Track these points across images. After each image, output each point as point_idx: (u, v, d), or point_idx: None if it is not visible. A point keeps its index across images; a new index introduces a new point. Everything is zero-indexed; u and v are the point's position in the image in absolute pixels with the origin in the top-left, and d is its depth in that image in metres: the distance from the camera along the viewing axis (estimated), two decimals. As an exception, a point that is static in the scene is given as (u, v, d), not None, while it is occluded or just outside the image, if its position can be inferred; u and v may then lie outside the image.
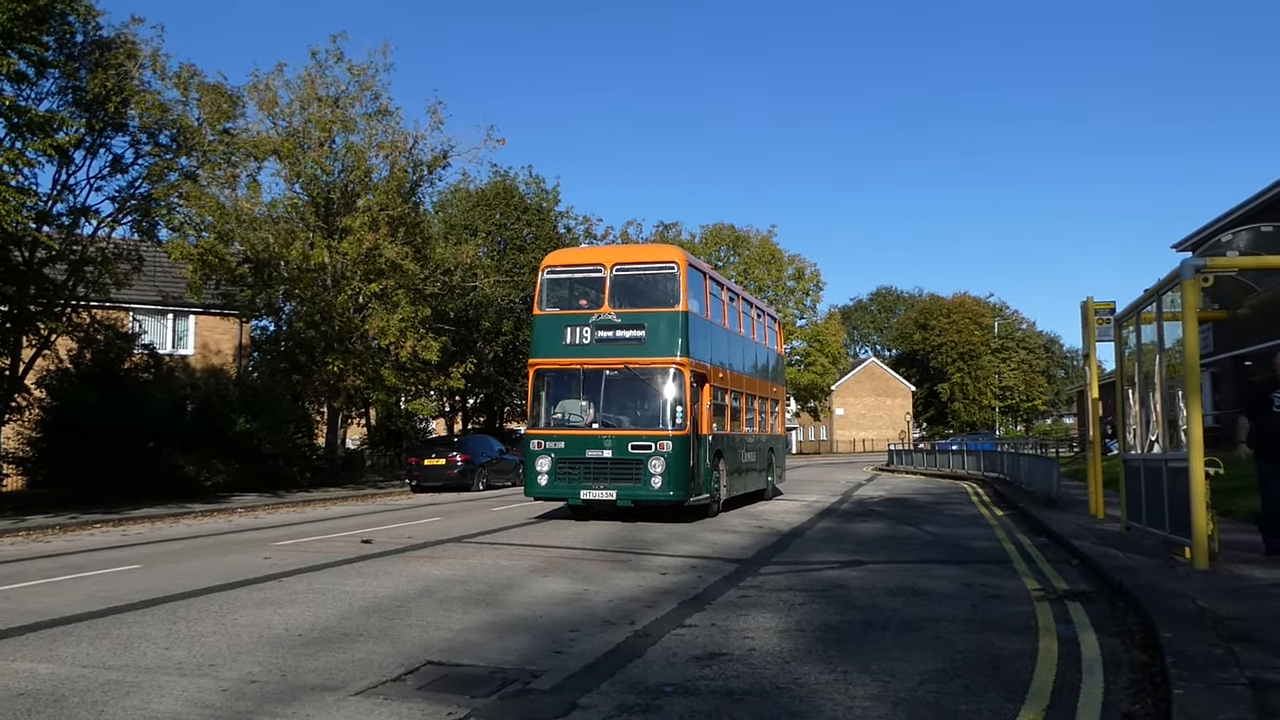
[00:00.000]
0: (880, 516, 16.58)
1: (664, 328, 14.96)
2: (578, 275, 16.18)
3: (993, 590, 8.39)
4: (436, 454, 25.50)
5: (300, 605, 7.75)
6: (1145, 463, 10.54)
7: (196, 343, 29.53)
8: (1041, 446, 48.72)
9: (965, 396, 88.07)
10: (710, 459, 15.82)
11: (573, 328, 15.28)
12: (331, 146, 26.28)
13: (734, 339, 18.38)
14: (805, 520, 15.75)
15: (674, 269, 15.20)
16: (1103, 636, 6.47)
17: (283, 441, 24.07)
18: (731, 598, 8.06)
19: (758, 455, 19.99)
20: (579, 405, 15.23)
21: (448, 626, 6.85)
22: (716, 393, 16.55)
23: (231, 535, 14.15)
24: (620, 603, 7.81)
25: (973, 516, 16.50)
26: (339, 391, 26.04)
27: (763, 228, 72.19)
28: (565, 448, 14.97)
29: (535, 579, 9.16)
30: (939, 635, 6.53)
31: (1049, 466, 18.39)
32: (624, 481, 14.62)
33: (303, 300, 25.43)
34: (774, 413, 22.13)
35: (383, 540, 12.73)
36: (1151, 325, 10.33)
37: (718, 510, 16.40)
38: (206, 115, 20.66)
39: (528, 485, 15.33)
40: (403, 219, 26.65)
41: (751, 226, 64.43)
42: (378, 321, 25.38)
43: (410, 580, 9.09)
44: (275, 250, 24.22)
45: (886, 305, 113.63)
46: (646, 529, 14.07)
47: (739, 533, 13.65)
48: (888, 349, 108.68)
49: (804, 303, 63.95)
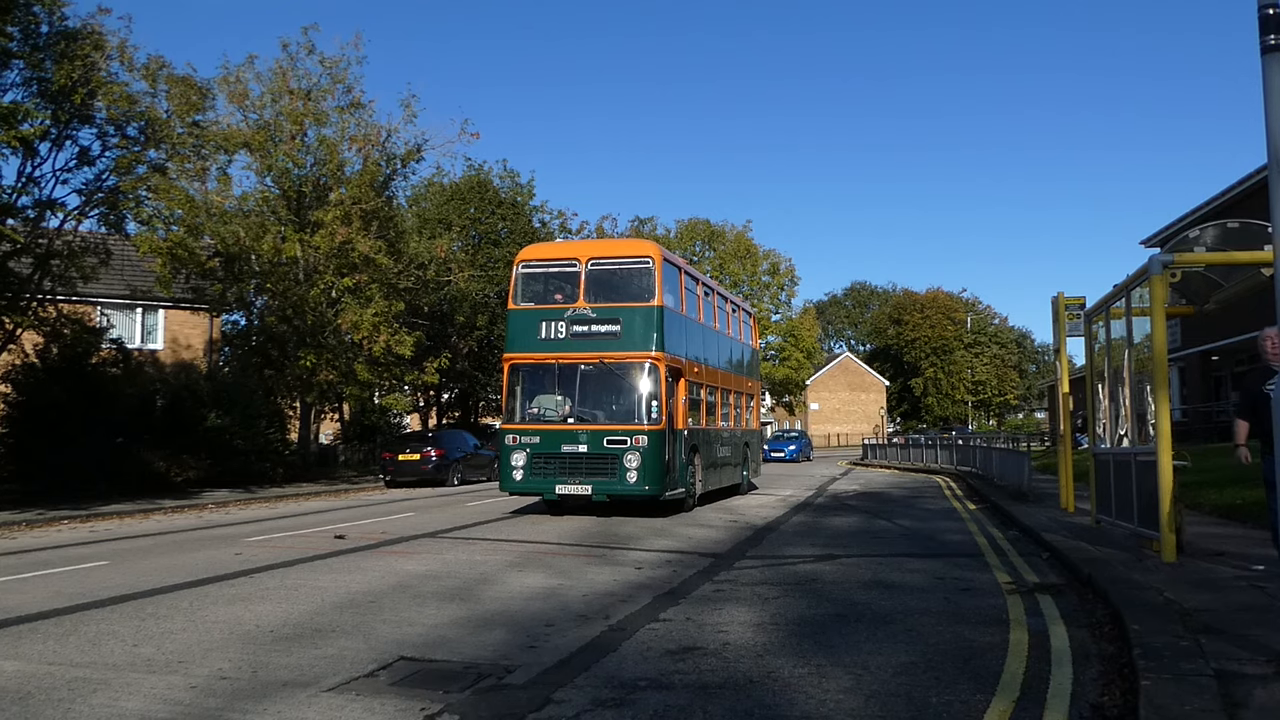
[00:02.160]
0: (854, 510, 16.68)
1: (639, 322, 14.97)
2: (553, 270, 16.14)
3: (965, 583, 8.48)
4: (411, 449, 25.39)
5: (272, 601, 7.69)
6: (1114, 456, 10.68)
7: (166, 337, 29.14)
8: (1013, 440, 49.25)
9: (939, 391, 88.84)
10: (686, 454, 15.85)
11: (548, 322, 15.25)
12: (303, 139, 26.01)
13: (709, 334, 18.41)
14: (780, 515, 15.82)
15: (649, 264, 15.21)
16: (1072, 629, 6.55)
17: (254, 437, 23.85)
18: (706, 592, 8.08)
19: (733, 450, 20.05)
20: (554, 400, 15.21)
21: (422, 622, 6.82)
22: (692, 387, 16.58)
23: (202, 531, 14.00)
24: (595, 597, 7.81)
25: (946, 510, 16.64)
26: (312, 386, 25.82)
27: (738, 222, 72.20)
28: (540, 442, 14.94)
29: (510, 574, 9.14)
30: (912, 628, 6.59)
31: (1020, 460, 18.59)
32: (599, 476, 14.62)
33: (274, 294, 25.18)
34: (749, 407, 22.19)
35: (356, 536, 12.66)
36: (1121, 320, 10.47)
37: (693, 505, 16.45)
38: (175, 107, 20.37)
39: (503, 480, 15.30)
40: (376, 213, 26.45)
41: (727, 221, 64.68)
42: (350, 316, 25.17)
43: (384, 576, 9.04)
44: (246, 244, 23.96)
45: (861, 300, 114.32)
46: (622, 524, 14.09)
47: (714, 527, 13.69)
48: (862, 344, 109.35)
49: (779, 298, 64.20)
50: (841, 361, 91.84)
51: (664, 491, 14.83)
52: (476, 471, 27.01)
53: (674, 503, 15.66)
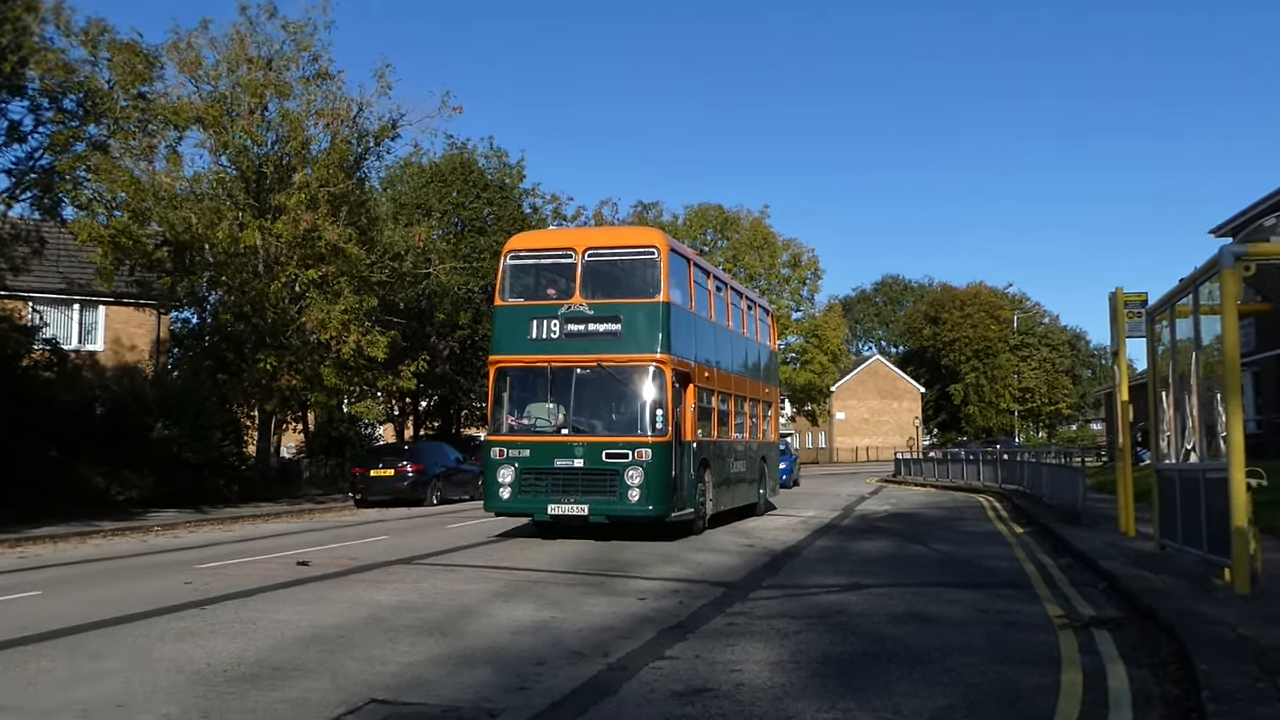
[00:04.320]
0: (885, 534, 16.67)
1: (643, 320, 14.97)
2: (545, 261, 16.16)
3: (1010, 616, 8.46)
4: (384, 464, 25.41)
5: (226, 636, 7.69)
6: (1180, 473, 10.66)
7: (107, 337, 29.15)
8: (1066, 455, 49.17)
9: (981, 399, 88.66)
10: (695, 469, 15.85)
11: (539, 320, 15.25)
12: (263, 114, 26.04)
13: (722, 333, 18.41)
14: (801, 538, 15.80)
15: (654, 254, 15.21)
16: (1132, 668, 6.54)
17: (207, 450, 23.86)
18: (718, 626, 8.07)
19: (748, 465, 20.05)
20: (546, 408, 15.21)
21: (396, 660, 6.81)
22: (702, 394, 16.58)
23: (147, 557, 13.99)
24: (592, 632, 7.80)
25: (989, 534, 16.63)
26: (272, 393, 25.83)
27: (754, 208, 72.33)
28: (530, 456, 14.95)
29: (496, 605, 9.14)
30: (950, 667, 6.57)
31: (1074, 478, 18.56)
32: (597, 494, 14.61)
33: (230, 289, 25.20)
34: (766, 417, 22.19)
35: (322, 562, 12.65)
36: (1187, 319, 10.44)
37: (703, 527, 16.44)
38: (119, 78, 20.40)
39: (488, 499, 15.30)
40: (345, 197, 26.47)
41: (742, 207, 64.69)
42: (316, 313, 25.19)
43: (353, 607, 9.03)
44: (199, 231, 23.96)
45: (893, 296, 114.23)
46: (622, 548, 14.08)
47: (727, 552, 13.68)
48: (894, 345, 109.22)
49: (800, 293, 64.27)
50: (871, 365, 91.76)
51: (670, 512, 14.82)
52: (458, 489, 26.95)
53: (682, 525, 15.65)
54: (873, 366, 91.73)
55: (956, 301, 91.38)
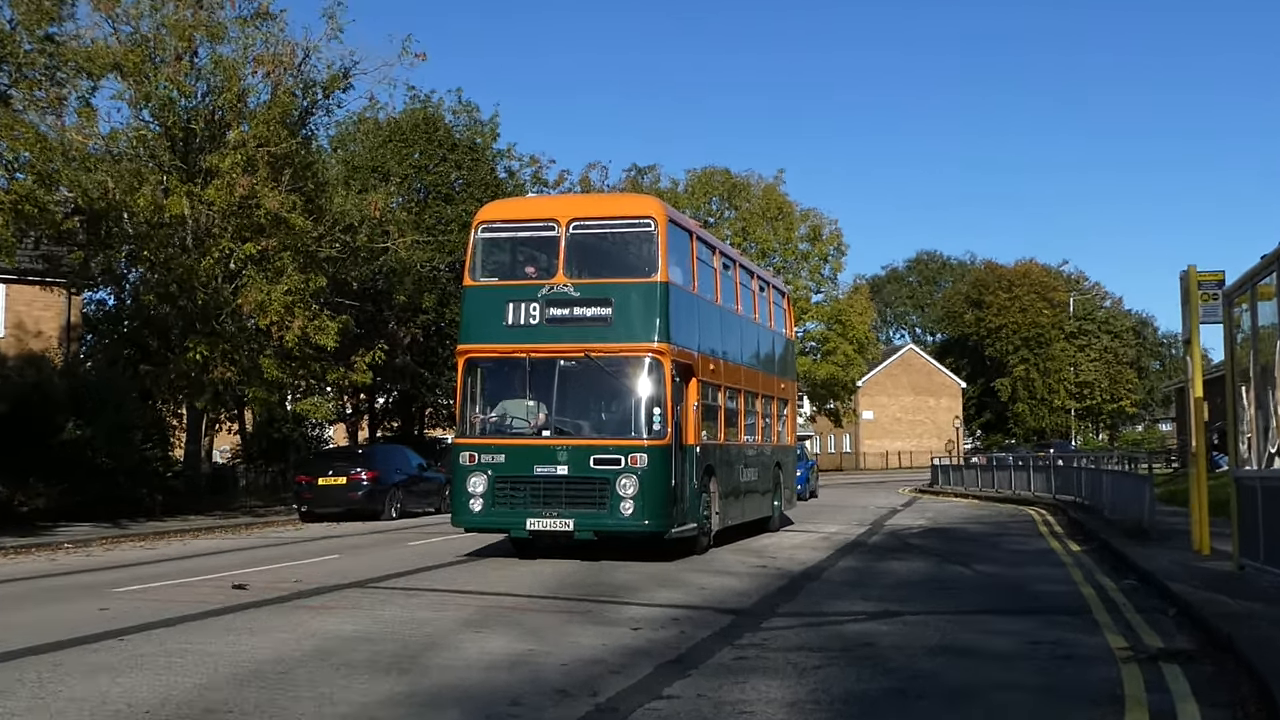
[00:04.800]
0: (921, 552, 16.72)
1: (637, 304, 14.97)
2: (523, 234, 16.15)
3: (1066, 649, 8.48)
4: (334, 471, 25.41)
5: (148, 672, 7.67)
6: (1263, 481, 10.68)
7: (8, 320, 29.07)
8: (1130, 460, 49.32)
9: (1031, 395, 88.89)
10: (698, 477, 15.87)
11: (516, 303, 15.23)
12: (192, 60, 25.94)
13: (730, 319, 18.42)
14: (823, 558, 15.85)
15: (650, 225, 15.19)
16: (1207, 708, 6.56)
17: (126, 454, 23.81)
18: (725, 660, 8.08)
19: (761, 473, 20.08)
20: (524, 406, 15.22)
21: (348, 700, 6.81)
22: (707, 390, 16.58)
23: (56, 579, 13.96)
24: (578, 666, 7.80)
25: (1040, 552, 16.69)
26: (203, 387, 25.78)
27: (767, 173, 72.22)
28: (506, 462, 14.95)
29: (466, 636, 9.14)
30: (995, 707, 6.59)
31: (1139, 487, 18.61)
32: (584, 507, 14.63)
33: (154, 265, 25.13)
34: (782, 416, 22.21)
35: (262, 585, 12.63)
36: (1271, 302, 10.46)
37: (708, 545, 16.47)
38: (21, 17, 20.31)
39: (456, 512, 15.31)
40: (289, 158, 26.38)
41: (752, 171, 64.79)
42: (255, 294, 25.12)
43: (299, 638, 9.03)
44: (116, 198, 23.87)
45: (929, 275, 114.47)
46: (614, 570, 14.09)
47: (736, 574, 13.70)
48: (930, 333, 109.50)
49: (821, 271, 64.36)
50: (904, 356, 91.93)
51: (670, 527, 14.84)
52: (421, 500, 26.97)
53: (683, 542, 15.68)
54: (906, 358, 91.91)
55: (1003, 282, 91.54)
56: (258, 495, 31.76)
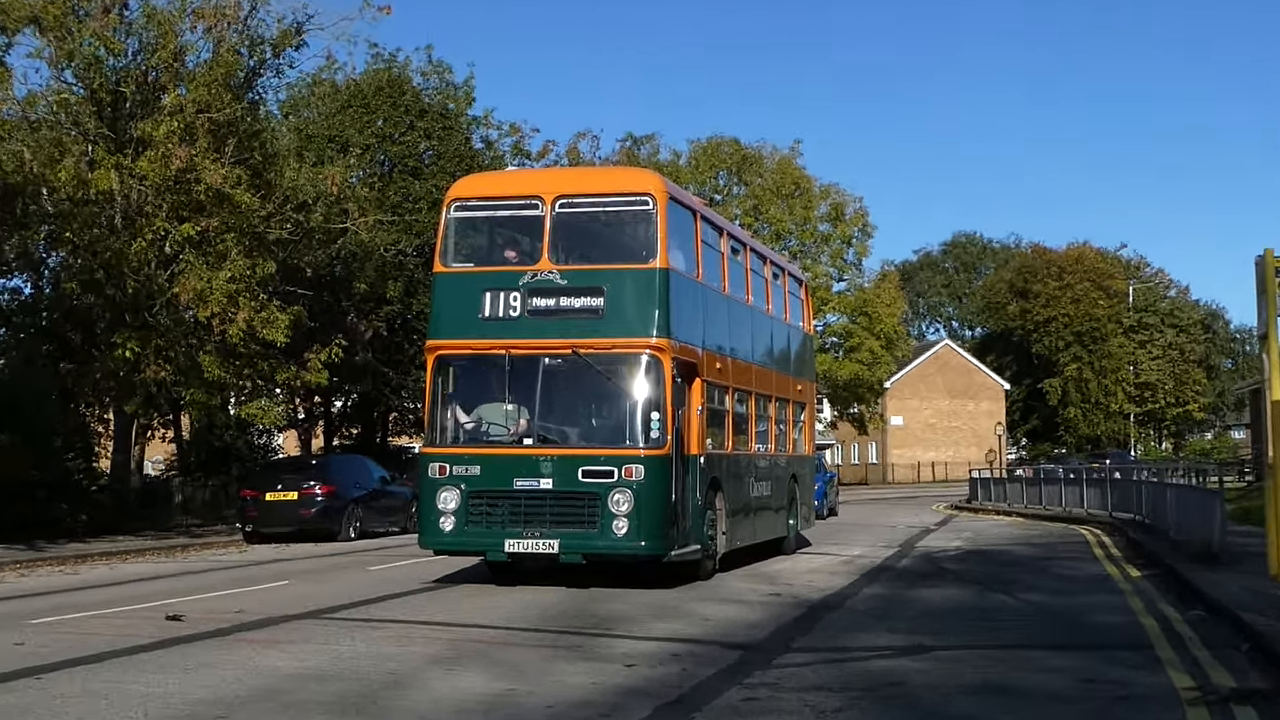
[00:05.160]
0: (957, 578, 16.73)
1: (633, 293, 14.96)
2: (502, 213, 16.13)
3: (1124, 688, 8.48)
4: (284, 484, 25.36)
5: (70, 716, 7.65)
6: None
7: (-92, 313, 29.06)
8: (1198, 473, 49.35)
9: (1084, 398, 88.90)
10: (702, 492, 15.85)
11: (494, 293, 15.19)
12: (122, 13, 25.88)
13: (739, 310, 18.44)
14: (845, 584, 15.87)
15: (648, 203, 15.17)
16: (1286, 756, 6.55)
17: (46, 465, 23.75)
18: (733, 700, 8.07)
19: (774, 487, 20.08)
20: (503, 411, 15.20)
21: (299, 747, 6.79)
22: (712, 391, 16.58)
23: (-34, 609, 13.93)
24: (565, 709, 7.79)
25: (1096, 578, 16.71)
26: (133, 388, 25.75)
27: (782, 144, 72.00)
28: (482, 475, 14.92)
29: (435, 673, 9.14)
30: (1043, 756, 6.58)
31: (1208, 503, 18.60)
32: (571, 526, 14.60)
33: (77, 248, 25.08)
34: (799, 422, 22.23)
35: (200, 616, 12.61)
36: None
37: (713, 569, 16.46)
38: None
39: (424, 532, 15.30)
40: (233, 126, 26.34)
41: (765, 142, 64.63)
42: (194, 281, 25.08)
43: (242, 676, 9.01)
44: (34, 171, 23.85)
45: (967, 261, 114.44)
46: (605, 598, 14.09)
47: (745, 603, 13.72)
48: (969, 327, 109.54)
49: (844, 256, 64.33)
50: (938, 354, 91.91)
51: (669, 549, 14.82)
52: (384, 518, 26.95)
53: (684, 566, 15.66)
54: (941, 355, 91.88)
55: (1052, 268, 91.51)
56: (196, 513, 31.68)
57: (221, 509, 31.72)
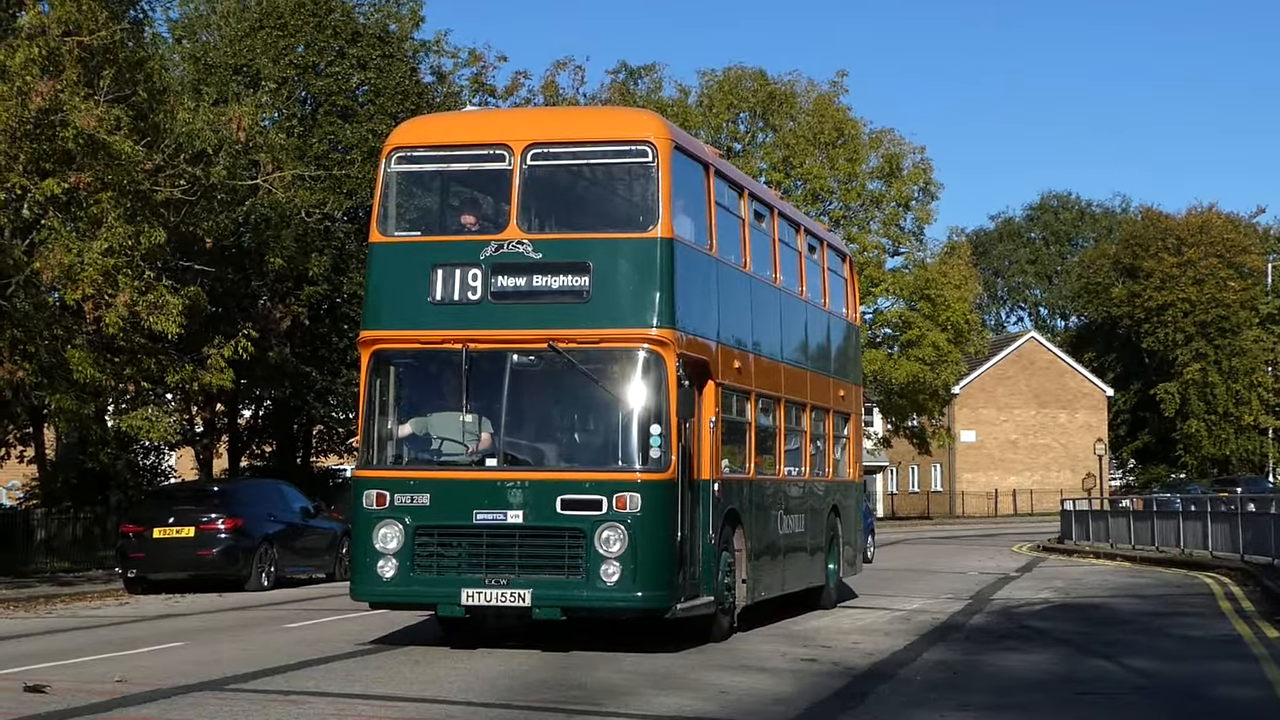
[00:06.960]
0: (1045, 640, 16.74)
1: (627, 270, 14.98)
2: (458, 165, 16.12)
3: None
4: (178, 518, 25.37)
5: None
6: None
7: None
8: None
9: (1210, 408, 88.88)
10: (716, 528, 15.83)
11: (448, 269, 15.15)
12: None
13: (764, 293, 18.48)
14: (900, 647, 15.85)
15: (646, 153, 15.12)
16: None
17: None
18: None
19: (810, 522, 20.11)
20: (459, 423, 15.21)
21: None
22: (730, 398, 16.62)
23: None
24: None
25: (1223, 640, 16.71)
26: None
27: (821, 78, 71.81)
28: (432, 506, 14.90)
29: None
30: None
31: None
32: (547, 572, 14.62)
33: (-91, 213, 25.12)
34: (841, 438, 22.25)
35: (68, 686, 12.57)
36: None
37: (731, 626, 16.47)
38: None
39: (358, 580, 15.27)
40: (110, 53, 26.35)
41: (798, 74, 64.80)
42: (59, 254, 25.09)
43: (122, 766, 9.02)
44: None
45: (1059, 230, 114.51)
46: (592, 664, 14.07)
47: (772, 670, 13.71)
48: (1061, 315, 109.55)
49: (900, 224, 64.25)
50: (1022, 349, 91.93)
51: (674, 601, 14.80)
52: (306, 561, 27.02)
53: (694, 623, 15.69)
54: (1025, 351, 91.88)
55: (1169, 239, 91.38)
56: (63, 553, 31.66)
57: (97, 549, 31.74)
